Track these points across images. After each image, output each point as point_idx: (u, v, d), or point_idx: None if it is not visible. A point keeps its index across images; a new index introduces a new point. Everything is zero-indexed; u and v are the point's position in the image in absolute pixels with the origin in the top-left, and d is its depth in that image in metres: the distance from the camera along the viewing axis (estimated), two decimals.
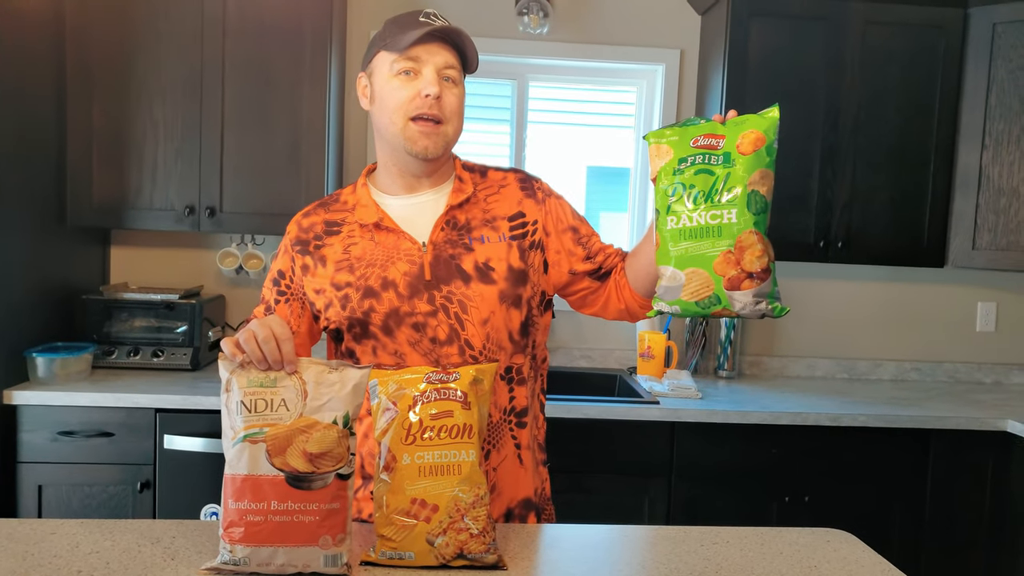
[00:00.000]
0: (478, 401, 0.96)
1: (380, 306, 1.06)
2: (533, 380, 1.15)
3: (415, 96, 1.04)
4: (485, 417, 0.98)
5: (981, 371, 2.62)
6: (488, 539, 0.92)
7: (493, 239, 1.09)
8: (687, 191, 0.95)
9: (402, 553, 0.91)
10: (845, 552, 1.04)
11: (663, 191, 0.98)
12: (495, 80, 2.54)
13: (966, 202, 2.27)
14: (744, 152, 0.94)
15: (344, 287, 1.08)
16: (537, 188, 1.15)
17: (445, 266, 1.07)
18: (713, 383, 2.38)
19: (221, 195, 2.15)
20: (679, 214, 0.96)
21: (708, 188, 0.94)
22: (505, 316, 1.09)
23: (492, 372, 1.00)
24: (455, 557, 0.91)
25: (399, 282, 1.07)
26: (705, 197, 0.94)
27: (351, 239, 1.10)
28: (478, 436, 0.94)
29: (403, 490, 0.91)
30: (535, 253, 1.12)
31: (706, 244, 0.94)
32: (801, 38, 2.22)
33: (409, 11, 1.09)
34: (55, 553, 0.93)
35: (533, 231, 1.12)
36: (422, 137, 1.05)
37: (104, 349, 2.17)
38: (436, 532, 0.90)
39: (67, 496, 1.93)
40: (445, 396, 0.94)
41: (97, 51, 2.09)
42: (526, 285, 1.10)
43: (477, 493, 0.92)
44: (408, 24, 1.05)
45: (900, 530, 2.10)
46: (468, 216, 1.10)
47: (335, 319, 1.09)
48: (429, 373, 0.96)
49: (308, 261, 1.10)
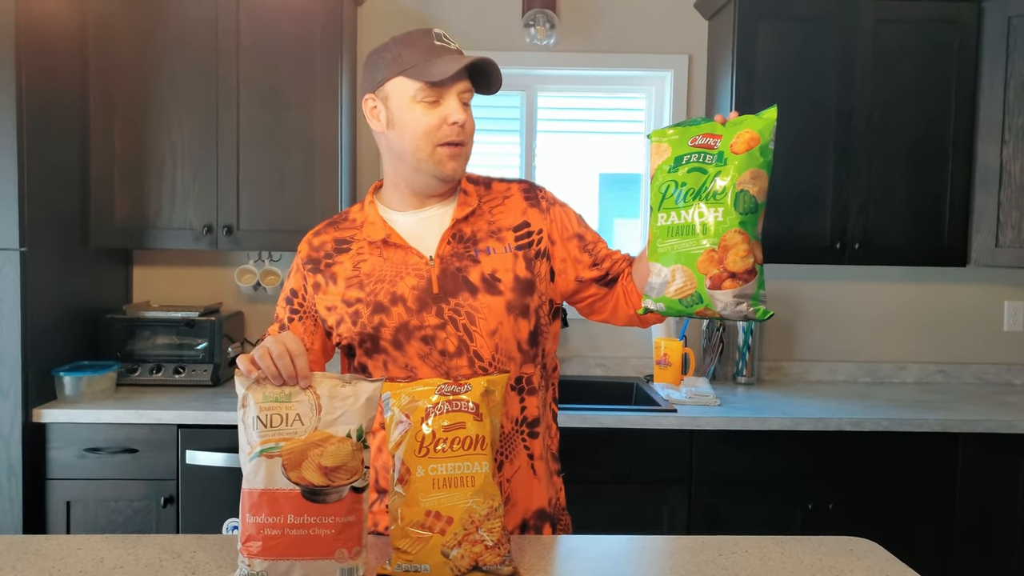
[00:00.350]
0: (490, 412, 0.96)
1: (390, 321, 1.08)
2: (544, 390, 1.16)
3: (441, 123, 1.06)
4: (497, 428, 0.98)
5: (1011, 372, 2.56)
6: (503, 551, 0.92)
7: (499, 250, 1.10)
8: (679, 189, 0.96)
9: (418, 566, 0.91)
10: (869, 561, 1.02)
11: (657, 188, 0.99)
12: (504, 91, 2.55)
13: (987, 199, 2.23)
14: (737, 151, 0.94)
15: (355, 303, 1.09)
16: (541, 197, 1.16)
17: (452, 279, 1.08)
18: (732, 390, 2.36)
19: (238, 213, 2.19)
20: (668, 211, 0.96)
21: (699, 186, 0.94)
22: (513, 326, 1.09)
23: (503, 383, 1.00)
24: (470, 569, 0.91)
25: (408, 296, 1.08)
26: (695, 195, 0.94)
27: (360, 256, 1.11)
28: (491, 447, 0.95)
29: (418, 502, 0.92)
30: (541, 262, 1.12)
31: (691, 242, 0.94)
32: (811, 39, 2.21)
33: (416, 31, 1.08)
34: (81, 568, 0.95)
35: (538, 240, 1.12)
36: (450, 160, 1.07)
37: (128, 367, 2.21)
38: (451, 544, 0.90)
39: (94, 512, 1.97)
40: (457, 408, 0.95)
41: (118, 78, 2.15)
42: (533, 295, 1.11)
43: (491, 505, 0.92)
44: (427, 50, 1.04)
45: (929, 538, 2.05)
46: (474, 228, 1.11)
47: (347, 335, 1.10)
48: (441, 385, 0.96)
49: (319, 279, 1.12)
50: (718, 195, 0.93)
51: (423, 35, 1.07)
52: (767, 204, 0.98)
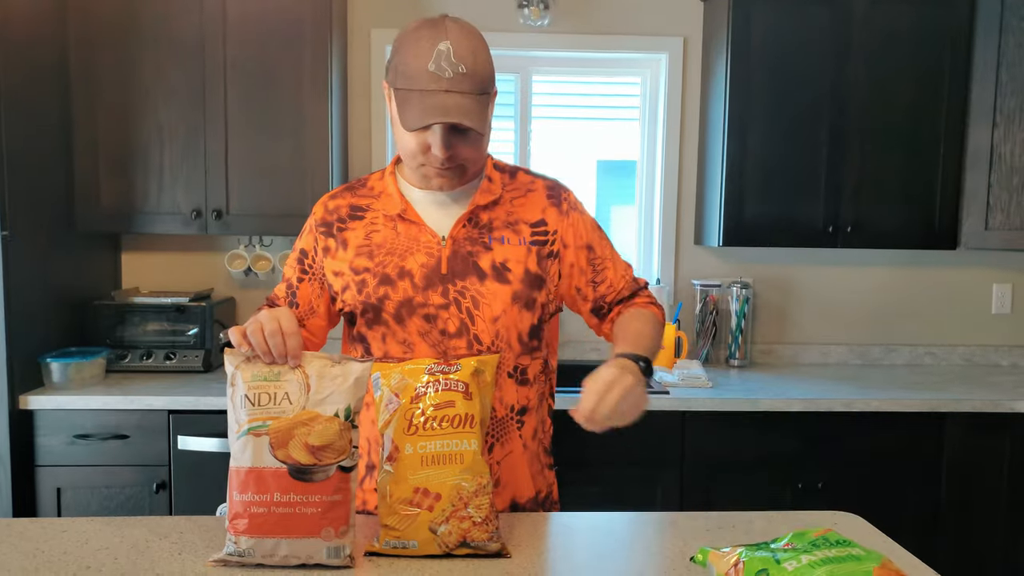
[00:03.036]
0: (480, 392, 0.96)
1: (394, 294, 1.07)
2: (542, 383, 1.16)
3: (425, 150, 1.02)
4: (488, 408, 0.98)
5: (998, 354, 2.58)
6: (491, 527, 0.92)
7: (514, 242, 1.09)
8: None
9: (406, 542, 0.91)
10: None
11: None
12: (498, 75, 2.53)
13: (978, 182, 2.23)
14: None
15: (362, 272, 1.09)
16: (564, 199, 1.15)
17: (463, 262, 1.08)
18: (725, 372, 2.36)
19: (227, 197, 2.17)
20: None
21: None
22: (516, 317, 1.09)
23: (494, 364, 1.00)
24: (458, 545, 0.91)
25: (415, 273, 1.07)
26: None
27: (373, 226, 1.11)
28: (480, 426, 0.94)
29: (406, 479, 0.91)
30: (551, 262, 1.12)
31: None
32: (805, 20, 2.19)
33: (425, 37, 0.97)
34: (64, 550, 0.95)
35: (552, 241, 1.12)
36: (437, 178, 1.06)
37: (117, 353, 2.19)
38: (439, 520, 0.90)
39: (85, 499, 1.96)
40: (447, 387, 0.94)
41: (100, 58, 2.12)
42: (542, 290, 1.11)
43: (480, 482, 0.92)
44: (416, 78, 0.96)
45: (916, 515, 2.07)
46: (492, 216, 1.10)
47: (350, 302, 1.10)
48: (431, 364, 0.96)
49: (330, 243, 1.12)
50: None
51: (425, 52, 0.97)
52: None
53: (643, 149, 2.58)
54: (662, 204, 2.53)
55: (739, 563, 0.79)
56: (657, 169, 2.55)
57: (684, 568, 0.92)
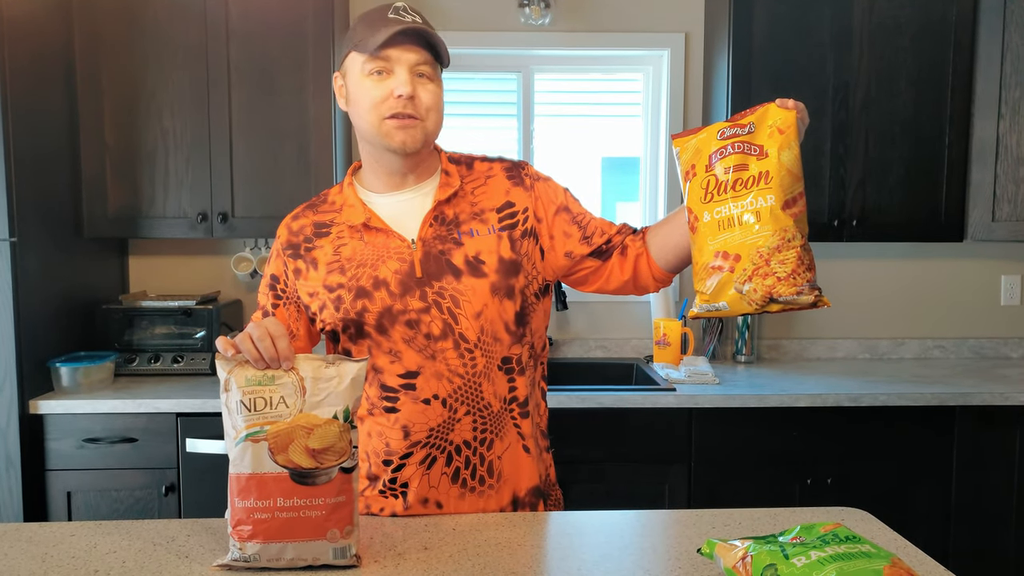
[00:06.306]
0: (778, 148, 0.93)
1: (373, 306, 1.06)
2: (533, 369, 1.15)
3: (388, 96, 1.03)
4: (790, 163, 0.93)
5: (1008, 346, 2.56)
6: (800, 281, 0.91)
7: (482, 232, 1.08)
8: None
9: (716, 304, 0.95)
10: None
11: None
12: (500, 73, 2.53)
13: (984, 173, 2.20)
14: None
15: (336, 288, 1.08)
16: (524, 175, 1.14)
17: (435, 262, 1.07)
18: (731, 368, 2.36)
19: (232, 201, 2.18)
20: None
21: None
22: (499, 308, 1.08)
23: (793, 120, 0.95)
24: (768, 302, 0.91)
25: (390, 280, 1.06)
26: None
27: (340, 240, 1.10)
28: (778, 182, 0.92)
29: (707, 246, 0.95)
30: (527, 241, 1.11)
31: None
32: (807, 14, 2.18)
33: (378, 6, 1.06)
34: (73, 554, 0.95)
35: (524, 219, 1.11)
36: (399, 131, 1.04)
37: (125, 357, 2.21)
38: (742, 280, 0.92)
39: (95, 502, 1.98)
40: (739, 150, 0.95)
41: (106, 65, 2.13)
42: (519, 275, 1.10)
43: (783, 236, 0.91)
44: (377, 22, 1.02)
45: (927, 509, 2.06)
46: (456, 210, 1.10)
47: (330, 321, 1.09)
48: (723, 128, 0.96)
49: (300, 264, 1.10)
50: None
51: (381, 9, 1.04)
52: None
53: (646, 145, 2.58)
54: (666, 200, 2.52)
55: (747, 556, 0.79)
56: (660, 165, 2.55)
57: (690, 564, 0.92)
